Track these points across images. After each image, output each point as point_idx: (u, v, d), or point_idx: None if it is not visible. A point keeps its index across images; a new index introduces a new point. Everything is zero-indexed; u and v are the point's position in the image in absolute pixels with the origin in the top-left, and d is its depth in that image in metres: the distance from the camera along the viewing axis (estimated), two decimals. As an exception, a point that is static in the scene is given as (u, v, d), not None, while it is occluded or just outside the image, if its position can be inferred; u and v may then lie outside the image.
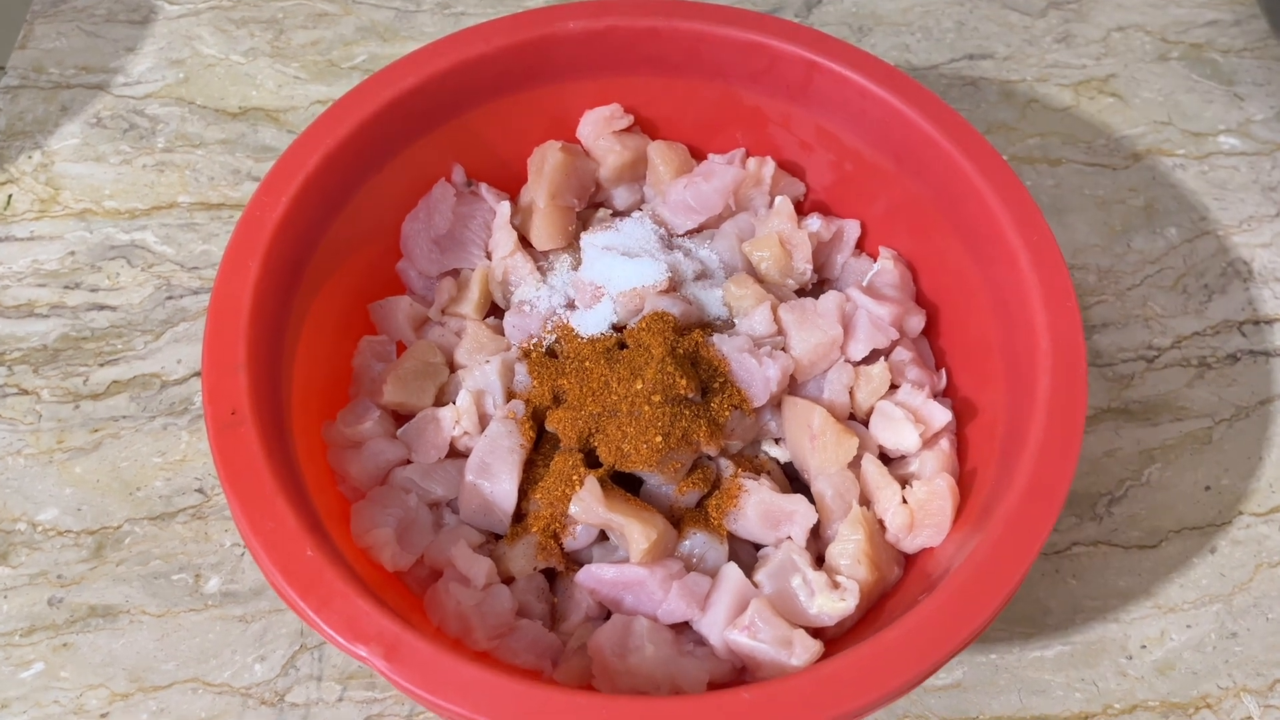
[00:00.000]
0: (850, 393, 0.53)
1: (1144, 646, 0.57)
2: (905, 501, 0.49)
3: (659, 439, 0.48)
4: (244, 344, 0.47)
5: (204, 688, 0.55)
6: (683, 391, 0.49)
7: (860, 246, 0.60)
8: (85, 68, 0.75)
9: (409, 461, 0.52)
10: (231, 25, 0.78)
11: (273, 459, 0.45)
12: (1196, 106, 0.77)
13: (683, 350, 0.50)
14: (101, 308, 0.66)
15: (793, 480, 0.54)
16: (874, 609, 0.49)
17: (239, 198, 0.70)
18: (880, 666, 0.41)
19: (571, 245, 0.59)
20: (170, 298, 0.66)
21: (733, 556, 0.50)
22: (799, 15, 0.80)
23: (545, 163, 0.58)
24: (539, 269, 0.58)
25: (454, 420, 0.52)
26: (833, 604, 0.46)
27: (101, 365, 0.64)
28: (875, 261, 0.58)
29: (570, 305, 0.56)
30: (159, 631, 0.56)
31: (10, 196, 0.69)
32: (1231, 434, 0.64)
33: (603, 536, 0.51)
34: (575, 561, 0.51)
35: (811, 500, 0.50)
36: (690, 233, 0.59)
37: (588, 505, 0.48)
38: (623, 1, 0.58)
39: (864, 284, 0.57)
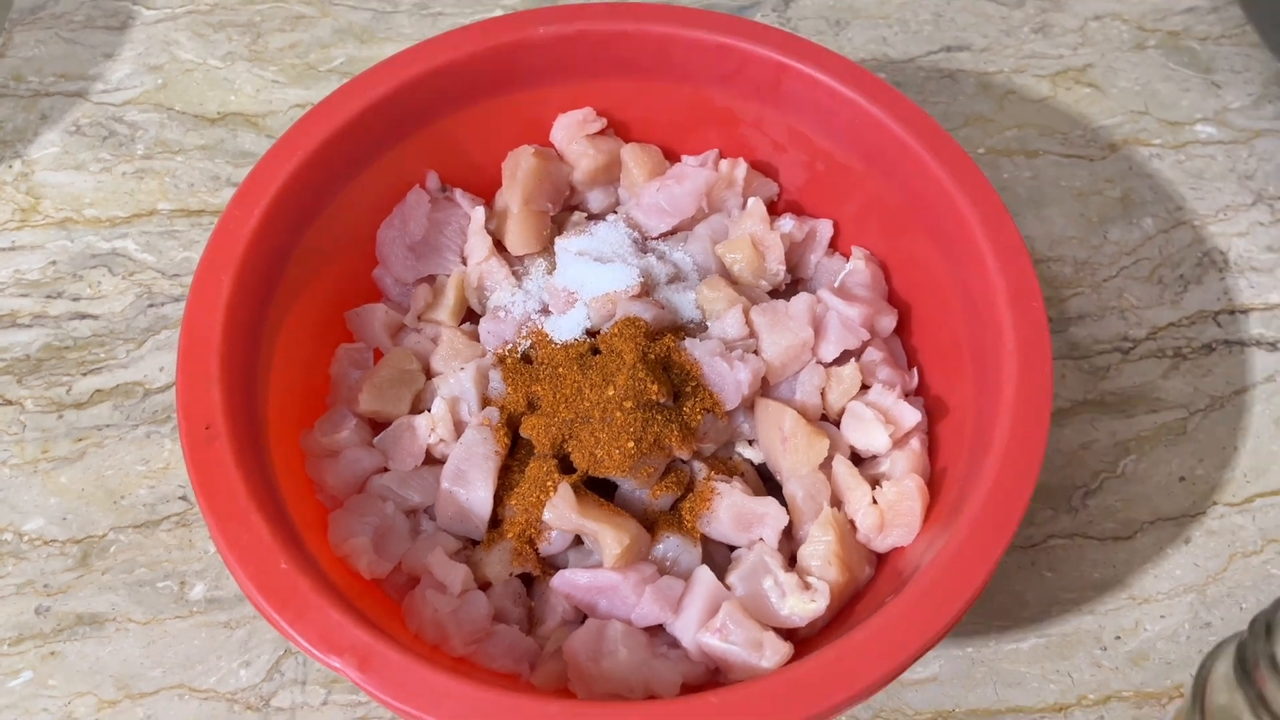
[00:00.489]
0: (822, 394, 0.53)
1: (1118, 637, 0.58)
2: (875, 502, 0.50)
3: (631, 445, 0.48)
4: (217, 358, 0.47)
5: (190, 694, 0.55)
6: (654, 397, 0.49)
7: (833, 246, 0.60)
8: (64, 75, 0.76)
9: (386, 469, 0.53)
10: (209, 29, 0.78)
11: (248, 473, 0.45)
12: (1173, 95, 0.77)
13: (654, 355, 0.51)
14: (84, 316, 0.66)
15: (767, 480, 0.54)
16: (846, 608, 0.50)
17: (219, 204, 0.70)
18: (848, 667, 0.41)
19: (546, 250, 0.59)
20: (152, 305, 0.67)
21: (707, 558, 0.51)
22: (776, 9, 0.80)
23: (519, 168, 0.59)
24: (514, 274, 0.58)
25: (430, 428, 0.53)
26: (804, 605, 0.47)
27: (84, 374, 0.64)
28: (848, 261, 0.59)
29: (545, 310, 0.56)
30: (145, 639, 0.57)
31: (-9, 207, 0.70)
32: (1206, 424, 0.64)
33: (578, 541, 0.51)
34: (551, 566, 0.52)
35: (784, 502, 0.51)
36: (664, 235, 0.60)
37: (561, 512, 0.48)
38: (593, 6, 0.58)
39: (835, 284, 0.57)
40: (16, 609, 0.57)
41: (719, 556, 0.52)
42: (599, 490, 0.52)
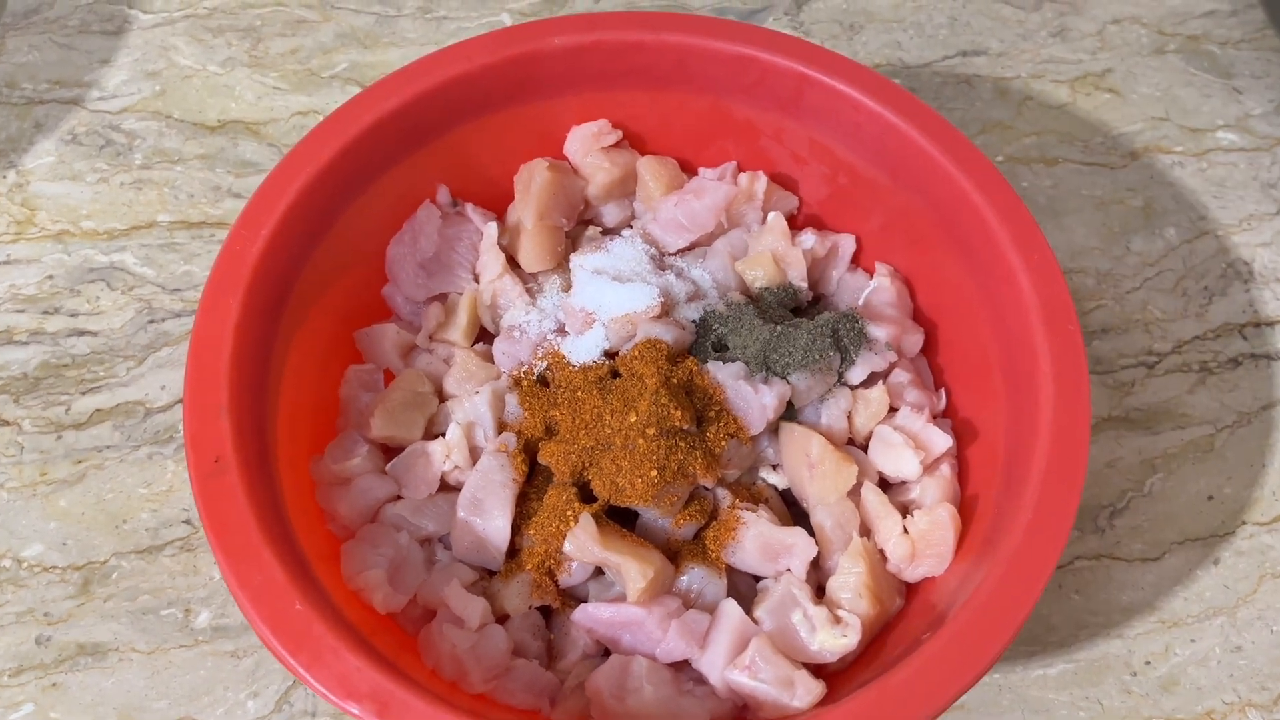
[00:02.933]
0: (848, 417, 0.52)
1: (1148, 663, 0.57)
2: (906, 531, 0.48)
3: (654, 473, 0.47)
4: (226, 386, 0.46)
5: (197, 726, 0.54)
6: (678, 423, 0.48)
7: (855, 261, 0.59)
8: (59, 82, 0.73)
9: (399, 497, 0.51)
10: (208, 34, 0.76)
11: (258, 506, 0.44)
12: (1194, 101, 0.75)
13: (677, 380, 0.49)
14: (82, 333, 0.64)
15: (791, 505, 0.53)
16: (875, 641, 0.49)
17: (220, 215, 0.68)
18: (887, 711, 0.40)
19: (561, 266, 0.58)
20: (152, 321, 0.65)
21: (731, 588, 0.49)
22: (789, 13, 0.78)
23: (532, 181, 0.57)
24: (528, 291, 0.57)
25: (444, 454, 0.51)
26: (835, 640, 0.46)
27: (83, 393, 0.62)
28: (871, 277, 0.57)
29: (561, 330, 0.55)
30: (149, 669, 0.55)
31: (-15, 219, 0.68)
32: (1234, 441, 0.63)
33: (599, 572, 0.50)
34: (571, 597, 0.50)
35: (810, 530, 0.49)
36: (682, 251, 0.58)
37: (582, 544, 0.47)
38: (609, 15, 0.56)
39: (860, 303, 0.56)
40: (16, 639, 0.56)
41: (743, 586, 0.50)
42: (619, 519, 0.50)
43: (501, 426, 0.52)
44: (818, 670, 0.46)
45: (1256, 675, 0.56)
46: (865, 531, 0.49)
